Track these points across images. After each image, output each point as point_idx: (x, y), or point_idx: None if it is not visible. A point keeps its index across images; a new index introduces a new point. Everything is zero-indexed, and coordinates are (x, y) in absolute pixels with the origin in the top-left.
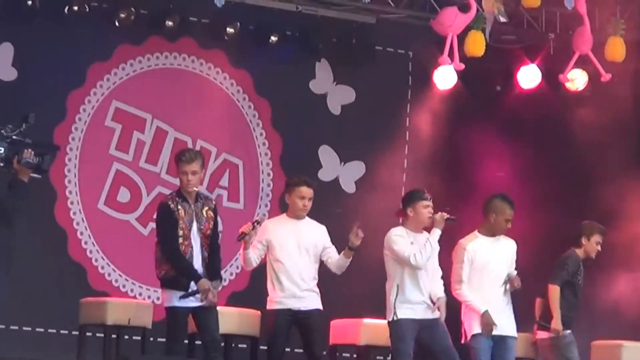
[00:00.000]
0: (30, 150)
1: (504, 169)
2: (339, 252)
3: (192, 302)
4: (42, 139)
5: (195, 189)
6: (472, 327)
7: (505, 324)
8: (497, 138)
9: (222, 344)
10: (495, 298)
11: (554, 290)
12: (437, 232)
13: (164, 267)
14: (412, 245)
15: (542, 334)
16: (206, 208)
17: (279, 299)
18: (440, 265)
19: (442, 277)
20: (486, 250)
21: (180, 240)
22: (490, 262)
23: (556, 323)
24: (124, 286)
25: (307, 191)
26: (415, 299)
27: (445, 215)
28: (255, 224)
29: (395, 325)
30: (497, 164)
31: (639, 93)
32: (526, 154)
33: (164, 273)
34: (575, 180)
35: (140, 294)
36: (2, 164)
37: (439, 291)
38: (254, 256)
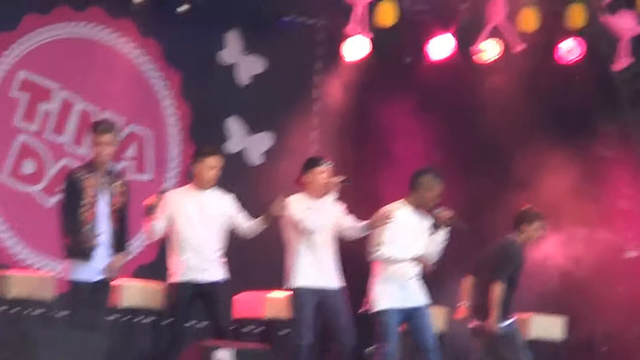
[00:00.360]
0: None
1: (415, 139)
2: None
3: (94, 276)
4: None
5: (108, 160)
6: (381, 301)
7: (416, 295)
8: (409, 109)
9: (129, 317)
10: (408, 269)
11: (499, 289)
12: (331, 196)
13: (67, 236)
14: (309, 210)
15: (478, 323)
16: (118, 182)
17: (181, 271)
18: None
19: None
20: (409, 221)
21: (84, 208)
22: (410, 235)
23: (493, 322)
24: (26, 259)
25: (218, 161)
26: (312, 266)
27: (339, 178)
28: (160, 194)
29: (294, 293)
30: (408, 135)
31: (548, 64)
32: (438, 125)
33: (67, 242)
34: (488, 150)
35: (43, 267)
36: None
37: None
38: (159, 227)
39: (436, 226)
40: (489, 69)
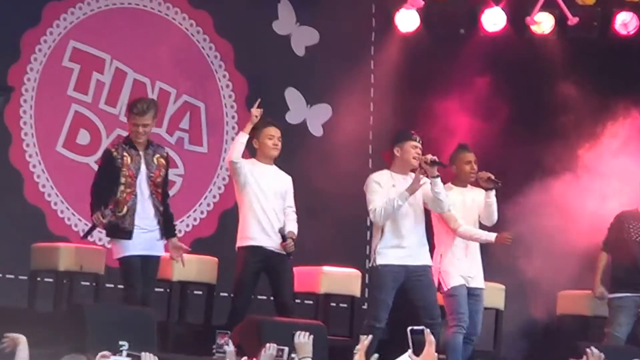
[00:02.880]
0: None
1: (471, 111)
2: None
3: (142, 251)
4: None
5: (145, 139)
6: (454, 277)
7: (477, 276)
8: (462, 81)
9: (178, 291)
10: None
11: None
12: (418, 177)
13: (105, 215)
14: (393, 187)
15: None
16: (157, 155)
17: (252, 235)
18: None
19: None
20: (458, 200)
21: (122, 187)
22: (462, 213)
23: None
24: (83, 230)
25: (275, 131)
26: (398, 244)
27: (431, 157)
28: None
29: (375, 272)
30: (463, 107)
31: (605, 37)
32: (491, 97)
33: (106, 221)
34: (542, 123)
35: (100, 239)
36: None
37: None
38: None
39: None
40: (543, 41)
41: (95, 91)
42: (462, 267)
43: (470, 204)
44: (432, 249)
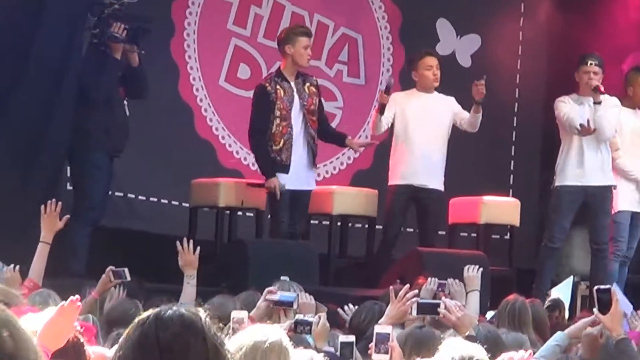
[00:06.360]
0: (119, 24)
1: (624, 35)
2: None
3: (292, 185)
4: (157, 13)
5: (307, 64)
6: (622, 202)
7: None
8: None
9: (338, 224)
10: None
11: None
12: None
13: (259, 154)
14: (581, 106)
15: None
16: (307, 84)
17: (400, 173)
18: None
19: None
20: (632, 121)
21: (278, 121)
22: (631, 137)
23: None
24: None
25: (433, 60)
26: (581, 164)
27: (595, 84)
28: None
29: (553, 193)
30: (615, 31)
31: None
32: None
33: (262, 158)
34: None
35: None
36: (95, 40)
37: None
38: (385, 120)
39: None
40: None
41: (253, 25)
42: (630, 191)
43: None
44: None
